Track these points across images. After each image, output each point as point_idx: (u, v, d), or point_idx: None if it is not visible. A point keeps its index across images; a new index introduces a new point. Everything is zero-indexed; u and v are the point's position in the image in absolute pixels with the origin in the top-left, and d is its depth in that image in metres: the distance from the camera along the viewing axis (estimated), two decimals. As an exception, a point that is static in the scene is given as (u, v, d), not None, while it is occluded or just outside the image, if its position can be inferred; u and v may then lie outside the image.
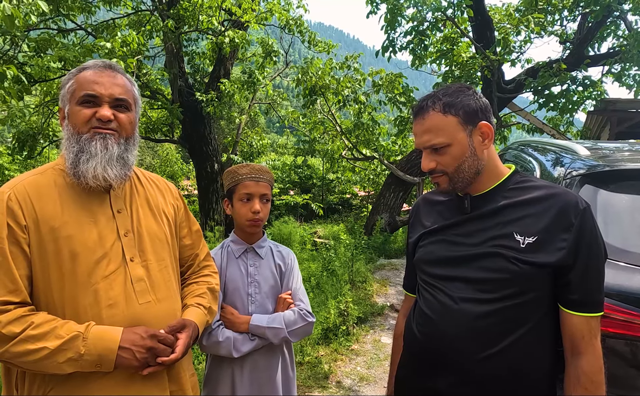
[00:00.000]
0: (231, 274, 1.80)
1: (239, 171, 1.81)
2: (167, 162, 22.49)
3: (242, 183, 1.79)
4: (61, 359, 1.13)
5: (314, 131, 11.19)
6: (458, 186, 1.32)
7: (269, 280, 1.83)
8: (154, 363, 1.24)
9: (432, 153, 1.31)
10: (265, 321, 1.70)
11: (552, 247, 1.18)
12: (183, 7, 8.21)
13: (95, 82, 1.29)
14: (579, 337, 1.19)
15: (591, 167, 2.02)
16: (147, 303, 1.31)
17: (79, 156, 1.26)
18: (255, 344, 1.71)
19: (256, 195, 1.78)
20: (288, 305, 1.79)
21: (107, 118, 1.29)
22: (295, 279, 1.88)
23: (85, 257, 1.22)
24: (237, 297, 1.78)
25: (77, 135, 1.28)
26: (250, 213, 1.77)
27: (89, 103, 1.29)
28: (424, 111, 1.30)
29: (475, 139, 1.28)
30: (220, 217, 10.53)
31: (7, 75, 5.19)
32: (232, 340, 1.68)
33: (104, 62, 1.35)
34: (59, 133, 9.87)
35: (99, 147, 1.27)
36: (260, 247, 1.87)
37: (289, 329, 1.72)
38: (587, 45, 8.47)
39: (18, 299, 1.15)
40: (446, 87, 1.32)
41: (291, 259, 1.92)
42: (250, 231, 1.83)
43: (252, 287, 1.80)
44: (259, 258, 1.85)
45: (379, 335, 4.81)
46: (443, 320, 1.29)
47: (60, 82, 5.55)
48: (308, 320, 1.77)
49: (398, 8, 7.59)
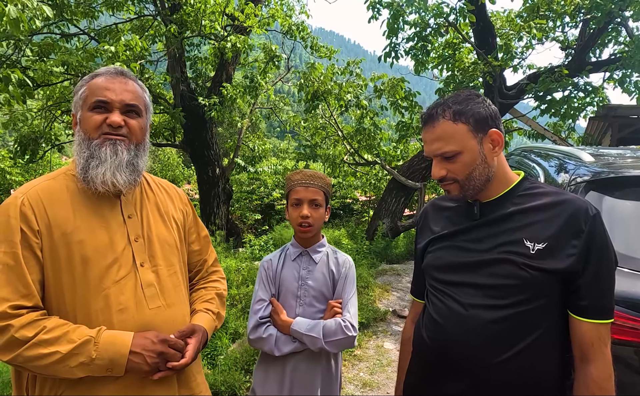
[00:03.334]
0: (285, 276, 1.86)
1: (292, 178, 1.88)
2: (168, 166, 22.51)
3: (293, 189, 1.85)
4: (73, 363, 1.14)
5: (316, 136, 11.21)
6: (469, 193, 1.33)
7: (320, 285, 1.85)
8: (164, 367, 1.25)
9: (442, 161, 1.31)
10: (305, 327, 1.73)
11: (562, 253, 1.19)
12: (186, 12, 8.25)
13: (106, 88, 1.31)
14: (588, 344, 1.18)
15: (596, 173, 2.03)
16: (157, 308, 1.32)
17: (89, 161, 1.27)
18: (295, 346, 1.75)
19: (305, 200, 1.82)
20: (335, 313, 1.79)
21: (118, 124, 1.30)
22: (348, 288, 1.87)
23: (96, 262, 1.23)
24: (287, 298, 1.84)
25: (87, 141, 1.29)
26: (299, 218, 1.81)
27: (100, 109, 1.30)
28: (434, 119, 1.30)
29: (486, 146, 1.29)
30: (221, 221, 10.54)
31: (12, 78, 5.21)
32: (275, 338, 1.74)
33: (116, 68, 1.37)
34: (60, 137, 9.90)
35: (108, 153, 1.28)
36: (315, 251, 1.90)
37: (326, 339, 1.71)
38: (589, 51, 8.49)
39: (30, 303, 1.16)
40: (455, 95, 1.33)
41: (347, 267, 1.91)
42: (302, 235, 1.87)
43: (302, 290, 1.84)
44: (312, 263, 1.88)
45: (381, 341, 4.80)
46: (452, 326, 1.29)
47: (63, 86, 5.53)
48: (348, 335, 1.74)
49: (400, 14, 7.62)
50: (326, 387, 1.83)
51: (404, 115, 9.72)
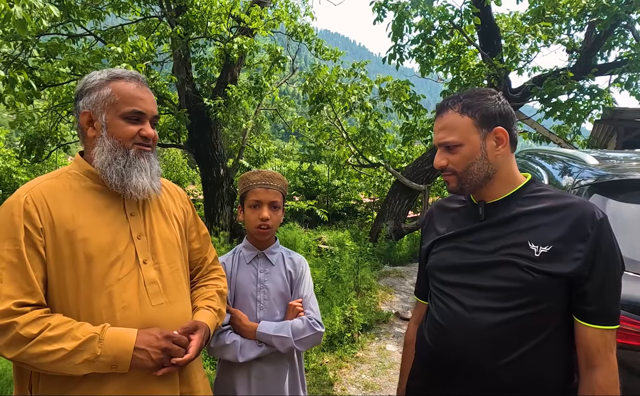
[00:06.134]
0: (241, 279, 1.81)
1: (250, 178, 1.82)
2: (173, 167, 22.58)
3: (252, 190, 1.80)
4: (77, 360, 1.14)
5: (320, 137, 11.21)
6: (466, 187, 1.33)
7: (279, 286, 1.82)
8: (168, 363, 1.26)
9: (445, 151, 1.34)
10: (272, 329, 1.69)
11: (567, 257, 1.17)
12: (192, 13, 8.28)
13: (140, 99, 1.35)
14: (594, 350, 1.17)
15: (600, 176, 2.02)
16: (160, 305, 1.32)
17: (129, 170, 1.32)
18: (261, 351, 1.70)
19: (265, 202, 1.78)
20: (297, 313, 1.77)
21: (152, 137, 1.37)
22: (306, 287, 1.86)
23: (100, 260, 1.24)
24: (246, 302, 1.78)
25: (122, 149, 1.32)
26: (258, 220, 1.77)
27: (135, 119, 1.34)
28: (444, 110, 1.34)
29: (489, 143, 1.29)
30: (225, 222, 10.55)
31: (18, 80, 5.25)
32: (239, 344, 1.69)
33: (137, 74, 1.39)
34: (66, 137, 9.95)
35: (145, 163, 1.35)
36: (271, 253, 1.87)
37: (296, 338, 1.69)
38: (595, 54, 8.46)
39: (34, 301, 1.16)
40: (471, 90, 1.35)
41: (303, 267, 1.90)
42: (259, 238, 1.83)
43: (262, 293, 1.80)
44: (269, 265, 1.84)
45: (384, 343, 4.80)
46: (455, 329, 1.29)
47: (69, 87, 5.53)
48: (316, 330, 1.74)
49: (405, 16, 7.62)
50: (293, 388, 1.81)
51: (409, 118, 9.71)
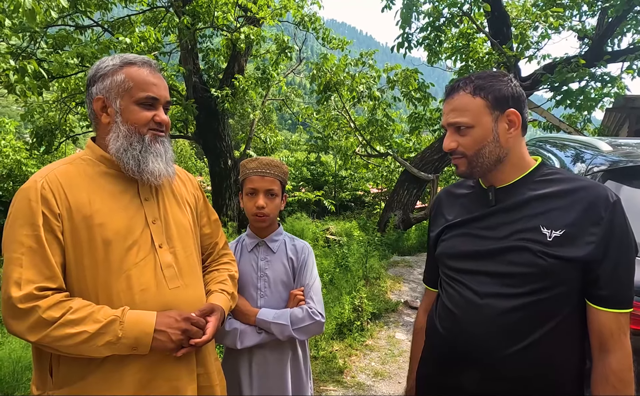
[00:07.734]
0: (242, 267, 1.81)
1: (247, 165, 1.81)
2: (181, 157, 22.69)
3: (248, 177, 1.79)
4: (100, 342, 1.16)
5: (328, 127, 11.18)
6: (476, 171, 1.31)
7: (280, 274, 1.81)
8: (187, 344, 1.28)
9: (455, 133, 1.31)
10: (271, 316, 1.69)
11: (580, 241, 1.16)
12: (198, 3, 8.26)
13: (154, 84, 1.35)
14: (607, 334, 1.16)
15: (614, 162, 2.00)
16: (177, 288, 1.34)
17: (145, 156, 1.33)
18: (261, 338, 1.70)
19: (261, 190, 1.77)
20: (298, 302, 1.76)
21: (166, 123, 1.38)
22: (308, 275, 1.83)
23: (117, 244, 1.26)
24: (247, 290, 1.79)
25: (138, 135, 1.33)
26: (255, 208, 1.77)
27: (149, 105, 1.35)
28: (455, 91, 1.30)
29: (501, 126, 1.26)
30: (233, 212, 10.59)
31: (28, 69, 5.28)
32: (239, 331, 1.69)
33: (149, 60, 1.39)
34: (75, 128, 10.01)
35: (161, 148, 1.37)
36: (272, 240, 1.85)
37: (294, 326, 1.68)
38: (607, 40, 8.31)
39: (55, 285, 1.18)
40: (482, 71, 1.33)
41: (306, 253, 1.86)
42: (257, 225, 1.83)
43: (262, 281, 1.79)
44: (270, 252, 1.83)
45: (393, 331, 4.81)
46: (467, 316, 1.28)
47: (78, 78, 5.53)
48: (315, 319, 1.71)
49: (414, 3, 7.55)
50: (296, 377, 1.80)
51: (417, 107, 9.64)
